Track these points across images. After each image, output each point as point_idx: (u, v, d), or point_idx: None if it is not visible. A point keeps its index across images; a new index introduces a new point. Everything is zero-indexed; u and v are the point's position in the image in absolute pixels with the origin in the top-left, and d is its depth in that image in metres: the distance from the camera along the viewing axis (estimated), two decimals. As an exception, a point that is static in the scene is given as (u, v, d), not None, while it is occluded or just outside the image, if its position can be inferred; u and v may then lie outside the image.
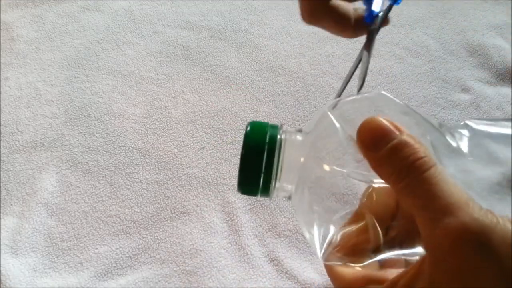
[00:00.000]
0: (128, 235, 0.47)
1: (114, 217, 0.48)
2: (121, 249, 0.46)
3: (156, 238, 0.47)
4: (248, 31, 0.63)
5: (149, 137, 0.53)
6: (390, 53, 0.63)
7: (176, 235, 0.47)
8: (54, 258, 0.45)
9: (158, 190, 0.50)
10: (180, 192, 0.49)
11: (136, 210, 0.48)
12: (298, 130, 0.26)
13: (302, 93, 0.58)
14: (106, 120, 0.54)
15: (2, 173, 0.50)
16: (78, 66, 0.59)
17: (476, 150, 0.23)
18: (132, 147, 0.52)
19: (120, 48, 0.61)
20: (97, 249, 0.46)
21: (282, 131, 0.25)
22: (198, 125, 0.54)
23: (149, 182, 0.50)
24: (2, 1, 0.65)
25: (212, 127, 0.54)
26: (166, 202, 0.49)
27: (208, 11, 0.65)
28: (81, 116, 0.54)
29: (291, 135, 0.25)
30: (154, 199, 0.49)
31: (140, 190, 0.49)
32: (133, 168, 0.51)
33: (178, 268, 0.45)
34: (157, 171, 0.51)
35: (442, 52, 0.63)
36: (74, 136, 0.53)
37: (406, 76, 0.61)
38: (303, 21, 0.29)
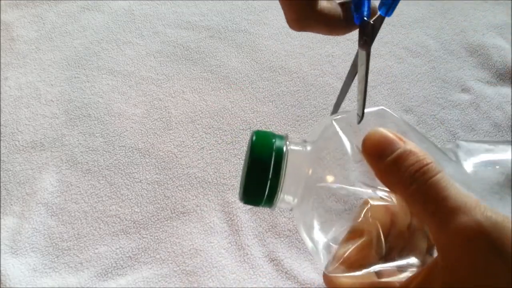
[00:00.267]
0: (128, 235, 0.47)
1: (114, 217, 0.48)
2: (121, 249, 0.46)
3: (156, 238, 0.47)
4: (248, 31, 0.63)
5: (149, 137, 0.53)
6: (390, 53, 0.63)
7: (176, 235, 0.47)
8: (54, 258, 0.45)
9: (158, 190, 0.50)
10: (180, 192, 0.49)
11: (136, 210, 0.48)
12: (303, 141, 0.26)
13: (302, 93, 0.58)
14: (106, 120, 0.54)
15: (2, 173, 0.50)
16: (78, 66, 0.59)
17: (472, 159, 0.24)
18: (132, 147, 0.52)
19: (120, 48, 0.61)
20: (97, 249, 0.46)
21: (287, 142, 0.25)
22: (198, 125, 0.54)
23: (149, 182, 0.50)
24: (2, 1, 0.65)
25: (212, 127, 0.54)
26: (166, 202, 0.49)
27: (208, 11, 0.65)
28: (81, 116, 0.54)
29: (296, 146, 0.25)
30: (154, 199, 0.49)
31: (140, 190, 0.49)
32: (133, 168, 0.51)
33: (178, 268, 0.45)
34: (157, 171, 0.51)
35: (442, 52, 0.63)
36: (74, 136, 0.53)
37: (406, 76, 0.61)
38: (292, 29, 0.27)
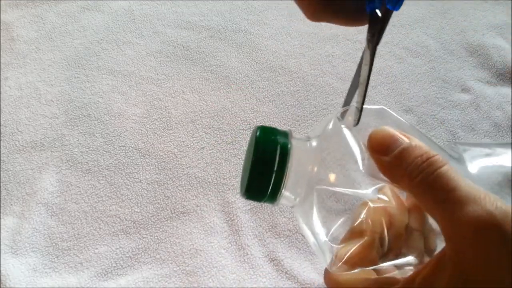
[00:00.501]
0: (128, 235, 0.47)
1: (114, 217, 0.48)
2: (121, 249, 0.46)
3: (156, 238, 0.47)
4: (248, 31, 0.63)
5: (149, 137, 0.53)
6: (390, 53, 0.63)
7: (176, 235, 0.47)
8: (54, 258, 0.45)
9: (158, 190, 0.50)
10: (180, 192, 0.49)
11: (136, 210, 0.48)
12: (307, 137, 0.26)
13: (302, 93, 0.58)
14: (106, 120, 0.54)
15: (2, 173, 0.50)
16: (78, 66, 0.59)
17: (474, 160, 0.24)
18: (132, 147, 0.52)
19: (120, 48, 0.61)
20: (97, 249, 0.46)
21: (291, 138, 0.25)
22: (198, 125, 0.54)
23: (149, 182, 0.50)
24: (2, 1, 0.65)
25: (212, 127, 0.54)
26: (166, 202, 0.49)
27: (208, 11, 0.65)
28: (81, 116, 0.54)
29: (300, 143, 0.25)
30: (154, 199, 0.49)
31: (140, 190, 0.49)
32: (133, 168, 0.51)
33: (178, 268, 0.45)
34: (157, 171, 0.51)
35: (442, 52, 0.63)
36: (74, 136, 0.53)
37: (406, 76, 0.61)
38: (309, 20, 0.26)
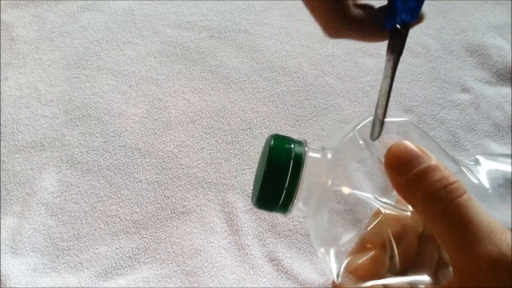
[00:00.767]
0: (128, 235, 0.47)
1: (114, 217, 0.48)
2: (121, 249, 0.46)
3: (156, 238, 0.47)
4: (248, 31, 0.63)
5: (149, 137, 0.53)
6: (390, 53, 0.62)
7: (176, 235, 0.47)
8: (54, 258, 0.45)
9: (158, 190, 0.50)
10: (180, 192, 0.49)
11: (136, 210, 0.48)
12: (322, 148, 0.25)
13: (302, 93, 0.58)
14: (106, 120, 0.54)
15: (2, 173, 0.50)
16: (78, 66, 0.59)
17: (491, 179, 0.23)
18: (132, 147, 0.52)
19: (120, 48, 0.61)
20: (97, 249, 0.46)
21: (306, 149, 0.24)
22: (198, 125, 0.54)
23: (149, 182, 0.50)
24: (2, 1, 0.65)
25: (212, 127, 0.54)
26: (166, 202, 0.49)
27: (208, 11, 0.65)
28: (81, 116, 0.54)
29: (315, 153, 0.24)
30: (154, 199, 0.49)
31: (140, 190, 0.49)
32: (133, 168, 0.51)
33: (178, 268, 0.45)
34: (157, 171, 0.51)
35: (442, 52, 0.63)
36: (74, 136, 0.53)
37: (406, 76, 0.61)
38: (329, 36, 0.26)
